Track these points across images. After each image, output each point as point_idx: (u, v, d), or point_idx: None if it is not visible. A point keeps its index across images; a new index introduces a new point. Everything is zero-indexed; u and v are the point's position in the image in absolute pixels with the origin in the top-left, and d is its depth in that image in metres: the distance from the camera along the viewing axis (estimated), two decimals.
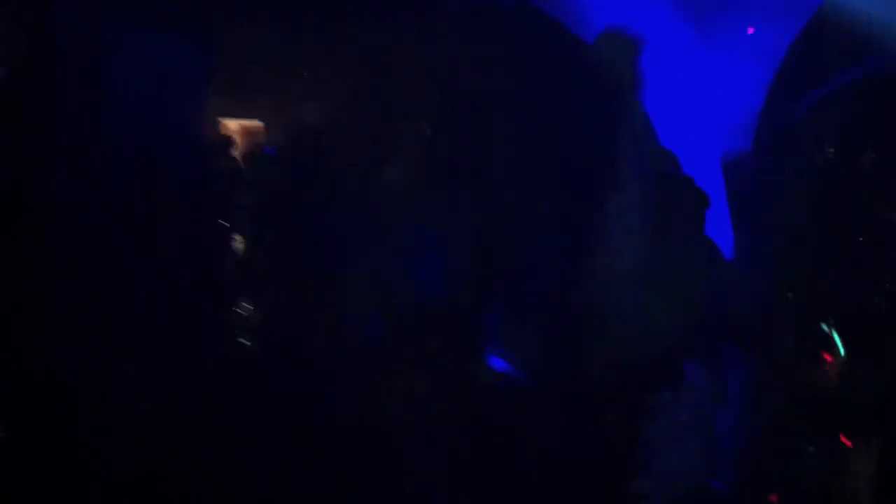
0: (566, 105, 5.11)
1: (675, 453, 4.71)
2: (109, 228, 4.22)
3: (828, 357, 4.75)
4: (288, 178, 4.80)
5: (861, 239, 4.96)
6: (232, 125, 4.70)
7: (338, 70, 4.81)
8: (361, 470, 4.36)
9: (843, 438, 4.50)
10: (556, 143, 5.07)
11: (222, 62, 4.57)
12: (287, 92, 4.81)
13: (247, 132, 4.75)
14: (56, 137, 4.13)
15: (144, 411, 4.12)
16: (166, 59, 4.37)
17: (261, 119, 4.75)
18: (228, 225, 4.61)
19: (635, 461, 4.67)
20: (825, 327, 4.85)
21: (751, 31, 4.92)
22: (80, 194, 4.16)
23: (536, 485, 4.47)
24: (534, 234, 4.95)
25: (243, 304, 4.65)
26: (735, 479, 4.74)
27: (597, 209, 5.04)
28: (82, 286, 4.16)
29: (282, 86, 4.79)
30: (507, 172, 4.91)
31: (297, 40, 4.69)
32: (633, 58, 5.06)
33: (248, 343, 4.64)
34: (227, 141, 4.69)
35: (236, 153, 4.74)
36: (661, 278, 4.91)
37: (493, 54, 4.95)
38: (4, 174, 4.11)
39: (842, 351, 4.73)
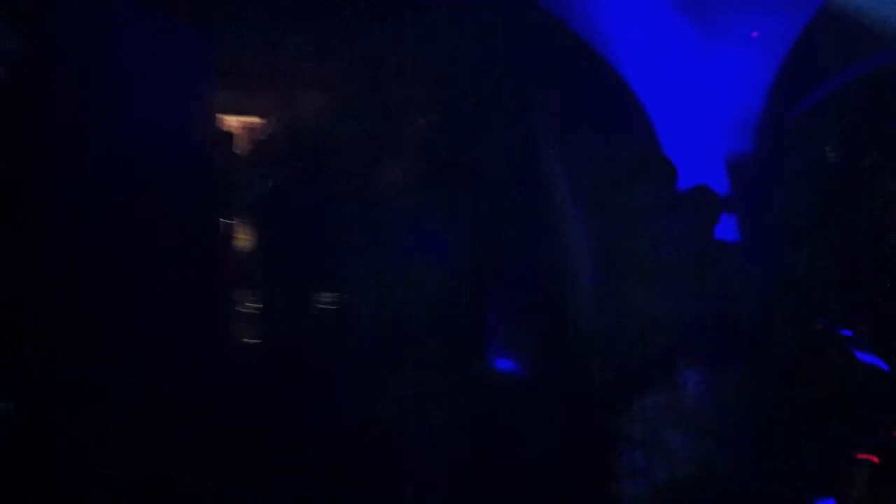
0: (569, 105, 5.10)
1: (671, 454, 4.70)
2: (110, 228, 4.21)
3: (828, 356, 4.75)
4: (288, 178, 4.80)
5: (862, 238, 4.96)
6: (233, 122, 4.69)
7: (339, 69, 4.81)
8: (360, 469, 4.35)
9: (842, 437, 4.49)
10: (558, 144, 5.06)
11: (224, 60, 4.57)
12: (288, 91, 4.81)
13: (248, 129, 4.75)
14: (55, 136, 4.12)
15: (144, 413, 4.11)
16: (167, 57, 4.36)
17: (261, 117, 4.75)
18: (229, 224, 4.60)
19: (632, 461, 4.66)
20: (826, 326, 4.84)
21: (755, 34, 4.88)
22: (80, 193, 4.15)
23: (533, 484, 4.46)
24: (534, 235, 4.94)
25: (244, 303, 4.64)
26: (734, 478, 4.71)
27: (598, 210, 5.03)
28: (83, 285, 4.15)
29: (283, 85, 4.79)
30: (507, 173, 4.91)
31: (297, 39, 4.68)
32: None
33: (249, 342, 4.64)
34: (228, 138, 4.68)
35: (237, 150, 4.74)
36: (664, 279, 4.90)
37: (495, 54, 4.94)
38: (6, 173, 4.10)
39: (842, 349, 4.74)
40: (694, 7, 4.85)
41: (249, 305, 4.67)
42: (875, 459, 4.03)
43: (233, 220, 4.67)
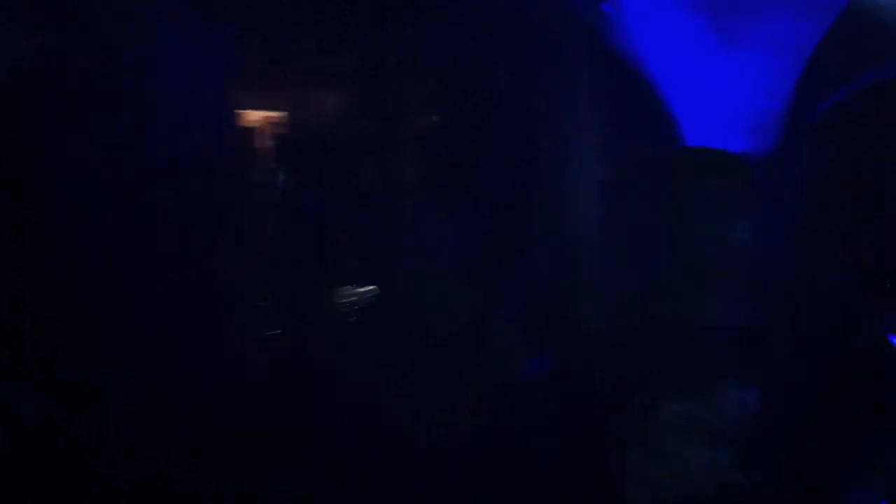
0: (586, 103, 5.03)
1: (683, 458, 4.67)
2: (111, 227, 4.23)
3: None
4: (291, 178, 4.79)
5: (875, 244, 4.90)
6: (253, 116, 4.68)
7: (343, 69, 4.78)
8: (361, 469, 4.35)
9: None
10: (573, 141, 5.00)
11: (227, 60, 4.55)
12: (290, 91, 4.79)
13: (251, 129, 4.73)
14: (57, 136, 4.12)
15: (145, 412, 4.13)
16: (170, 56, 4.34)
17: (264, 117, 4.73)
18: (229, 224, 4.60)
19: (643, 466, 4.64)
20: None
21: None
22: (82, 193, 4.16)
23: (541, 488, 4.44)
24: (543, 235, 4.90)
25: (245, 303, 4.65)
26: (750, 479, 4.68)
27: (616, 210, 4.98)
28: (84, 285, 4.18)
29: (285, 85, 4.77)
30: (513, 172, 4.87)
31: (299, 40, 4.66)
32: None
33: (250, 342, 4.65)
34: (230, 138, 4.66)
35: (238, 150, 4.71)
36: (681, 281, 4.86)
37: (509, 52, 4.88)
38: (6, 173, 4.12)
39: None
40: (714, 11, 4.74)
41: (251, 306, 4.67)
42: None
43: (233, 220, 4.66)
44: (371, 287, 4.77)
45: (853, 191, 5.03)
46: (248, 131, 4.75)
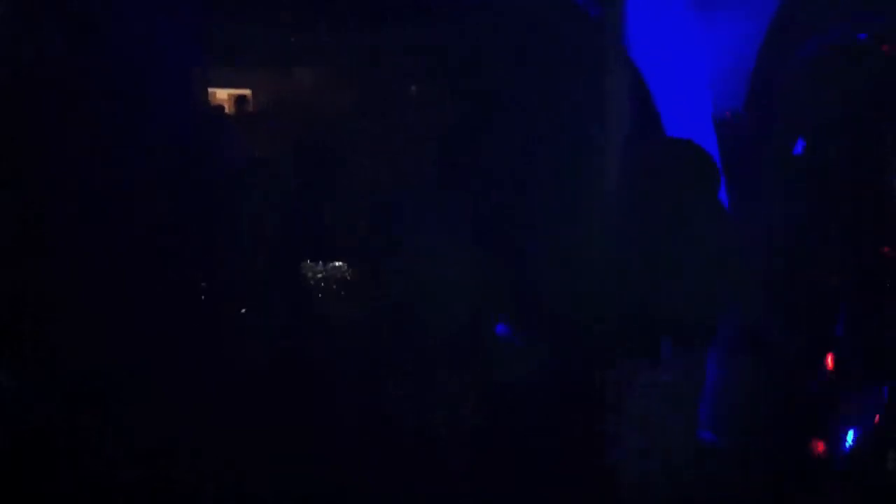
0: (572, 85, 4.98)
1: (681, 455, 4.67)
2: (110, 227, 4.22)
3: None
4: (292, 177, 4.78)
5: (857, 203, 4.85)
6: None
7: (347, 67, 4.77)
8: (361, 469, 4.35)
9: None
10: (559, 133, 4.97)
11: (225, 58, 4.54)
12: (289, 89, 4.79)
13: (250, 128, 4.73)
14: (56, 135, 4.11)
15: (145, 412, 4.13)
16: (168, 56, 4.33)
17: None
18: (228, 224, 4.59)
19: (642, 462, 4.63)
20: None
21: None
22: (81, 193, 4.15)
23: (537, 484, 4.44)
24: (536, 226, 4.88)
25: (244, 302, 4.64)
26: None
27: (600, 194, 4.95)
28: (84, 286, 4.17)
29: (284, 83, 4.76)
30: (508, 165, 4.84)
31: (300, 37, 4.65)
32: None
33: (250, 342, 4.64)
34: (230, 138, 4.66)
35: (238, 150, 4.71)
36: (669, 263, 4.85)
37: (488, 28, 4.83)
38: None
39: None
40: None
41: (250, 305, 4.66)
42: None
43: (232, 219, 4.65)
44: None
45: (853, 191, 5.01)
46: (248, 130, 4.75)
